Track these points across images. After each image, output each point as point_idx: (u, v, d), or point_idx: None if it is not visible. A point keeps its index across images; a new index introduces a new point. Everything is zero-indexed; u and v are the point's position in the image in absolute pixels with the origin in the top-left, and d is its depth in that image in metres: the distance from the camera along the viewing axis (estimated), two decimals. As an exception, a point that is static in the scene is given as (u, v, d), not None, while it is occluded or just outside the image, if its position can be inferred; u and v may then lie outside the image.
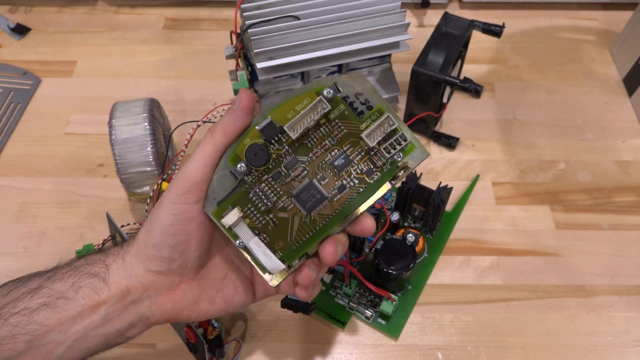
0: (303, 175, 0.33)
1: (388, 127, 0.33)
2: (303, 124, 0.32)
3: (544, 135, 0.61)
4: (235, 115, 0.33)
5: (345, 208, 0.33)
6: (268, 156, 0.33)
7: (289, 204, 0.33)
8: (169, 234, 0.33)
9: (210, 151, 0.33)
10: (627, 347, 0.47)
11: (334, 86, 0.33)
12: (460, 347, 0.47)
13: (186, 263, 0.35)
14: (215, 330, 0.42)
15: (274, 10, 0.54)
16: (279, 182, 0.33)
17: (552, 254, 0.52)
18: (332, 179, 0.33)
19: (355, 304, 0.48)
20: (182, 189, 0.33)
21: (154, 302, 0.35)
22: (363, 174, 0.34)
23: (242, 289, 0.37)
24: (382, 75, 0.61)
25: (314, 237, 0.34)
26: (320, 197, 0.33)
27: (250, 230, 0.33)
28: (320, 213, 0.33)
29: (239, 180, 0.33)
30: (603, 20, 0.72)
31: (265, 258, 0.33)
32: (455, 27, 0.56)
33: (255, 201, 0.33)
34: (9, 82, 0.65)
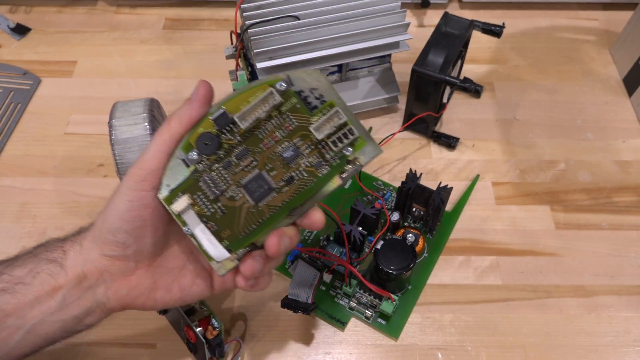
0: (253, 165, 0.34)
1: (337, 121, 0.33)
2: (254, 115, 0.33)
3: (544, 135, 0.61)
4: (192, 105, 0.33)
5: (293, 200, 0.34)
6: (219, 145, 0.33)
7: (237, 193, 0.34)
8: (124, 220, 0.34)
9: (166, 139, 0.33)
10: (627, 347, 0.47)
11: (287, 79, 0.33)
12: (460, 347, 0.47)
13: (141, 249, 0.35)
14: (215, 330, 0.42)
15: (274, 10, 0.54)
16: (229, 172, 0.34)
17: (552, 254, 0.52)
18: (281, 171, 0.34)
19: (355, 304, 0.48)
20: (139, 176, 0.33)
21: (109, 288, 0.36)
22: (312, 167, 0.34)
23: (200, 280, 0.38)
24: (382, 75, 0.61)
25: (261, 227, 0.34)
26: (267, 188, 0.34)
27: (197, 217, 0.34)
28: (268, 204, 0.34)
29: (190, 168, 0.34)
30: (603, 20, 0.72)
31: (211, 246, 0.34)
32: (455, 27, 0.56)
33: (204, 189, 0.34)
34: (9, 82, 0.65)
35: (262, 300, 0.49)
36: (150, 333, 0.47)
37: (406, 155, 0.59)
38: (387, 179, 0.57)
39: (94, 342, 0.46)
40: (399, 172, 0.57)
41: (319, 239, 0.52)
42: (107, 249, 0.35)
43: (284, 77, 0.33)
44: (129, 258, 0.35)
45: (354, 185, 0.56)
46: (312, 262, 0.47)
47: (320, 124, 0.33)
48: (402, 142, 0.60)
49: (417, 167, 0.58)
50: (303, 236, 0.52)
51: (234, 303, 0.49)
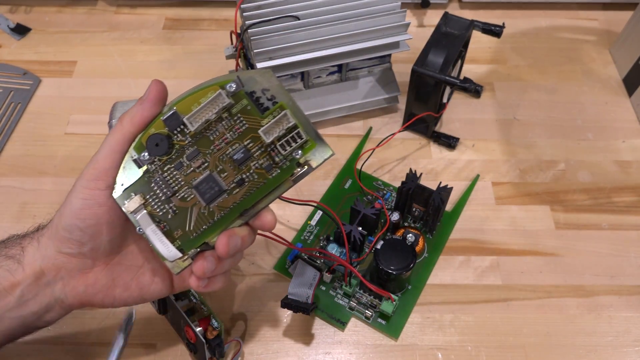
0: (204, 167, 0.34)
1: (286, 124, 0.33)
2: (203, 117, 0.33)
3: (544, 135, 0.61)
4: (143, 106, 0.33)
5: (244, 202, 0.34)
6: (169, 146, 0.34)
7: (189, 194, 0.34)
8: (79, 218, 0.34)
9: (119, 139, 0.34)
10: (627, 347, 0.47)
11: (238, 80, 0.33)
12: (460, 347, 0.47)
13: (98, 247, 0.35)
14: (215, 330, 0.42)
15: (274, 10, 0.54)
16: (181, 173, 0.34)
17: (552, 254, 0.52)
18: (232, 173, 0.34)
19: (355, 304, 0.48)
20: (92, 174, 0.34)
21: (67, 284, 0.36)
22: (262, 170, 0.34)
23: (159, 279, 0.38)
24: (382, 75, 0.61)
25: (213, 228, 0.34)
26: (218, 190, 0.34)
27: (149, 217, 0.34)
28: (219, 205, 0.34)
29: (142, 168, 0.34)
30: (603, 20, 0.72)
31: (162, 246, 0.34)
32: (455, 27, 0.56)
33: (156, 189, 0.34)
34: (9, 82, 0.65)
35: (262, 300, 0.49)
36: (150, 333, 0.47)
37: (406, 155, 0.59)
38: (387, 179, 0.57)
39: (93, 342, 0.46)
40: (399, 172, 0.57)
41: (319, 239, 0.52)
42: (64, 246, 0.35)
43: (234, 78, 0.33)
44: (85, 255, 0.36)
45: (354, 185, 0.56)
46: (312, 262, 0.47)
47: (269, 127, 0.33)
48: (402, 142, 0.60)
49: (417, 167, 0.58)
50: (303, 236, 0.52)
51: (234, 303, 0.49)
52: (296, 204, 0.53)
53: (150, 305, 0.48)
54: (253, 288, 0.50)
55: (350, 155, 0.59)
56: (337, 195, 0.55)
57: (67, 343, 0.46)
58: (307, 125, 0.33)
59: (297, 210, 0.54)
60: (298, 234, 0.53)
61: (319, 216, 0.53)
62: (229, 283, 0.37)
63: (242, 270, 0.51)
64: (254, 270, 0.51)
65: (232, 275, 0.50)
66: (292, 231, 0.53)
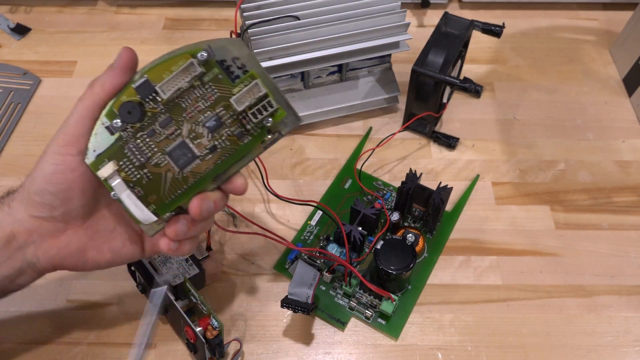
0: (177, 134, 0.34)
1: (257, 93, 0.34)
2: (175, 85, 0.33)
3: (544, 135, 0.61)
4: (114, 73, 0.34)
5: (217, 167, 0.35)
6: (142, 114, 0.34)
7: (162, 160, 0.35)
8: (50, 182, 0.34)
9: (89, 105, 0.34)
10: (627, 347, 0.47)
11: (209, 49, 0.33)
12: (460, 347, 0.47)
13: (70, 211, 0.36)
14: (215, 330, 0.42)
15: (274, 10, 0.54)
16: (153, 139, 0.34)
17: (552, 254, 0.52)
18: (205, 140, 0.35)
19: (355, 304, 0.48)
20: (63, 140, 0.34)
21: (39, 248, 0.36)
22: (234, 136, 0.35)
23: (130, 242, 0.38)
24: (382, 75, 0.61)
25: (186, 192, 0.35)
26: (191, 156, 0.35)
27: (124, 183, 0.35)
28: (192, 171, 0.35)
29: (115, 135, 0.34)
30: (603, 20, 0.72)
31: (137, 210, 0.35)
32: (455, 27, 0.56)
33: (130, 156, 0.34)
34: (9, 82, 0.65)
35: (262, 300, 0.49)
36: (150, 333, 0.47)
37: (406, 155, 0.59)
38: (387, 179, 0.57)
39: (94, 342, 0.46)
40: (399, 172, 0.57)
41: (319, 239, 0.52)
42: (35, 210, 0.35)
43: (205, 46, 0.33)
44: (57, 219, 0.36)
45: (354, 185, 0.56)
46: (312, 262, 0.47)
47: (240, 96, 0.34)
48: (402, 142, 0.60)
49: (417, 167, 0.58)
50: (303, 236, 0.52)
51: (234, 303, 0.49)
52: (296, 204, 0.53)
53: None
54: (253, 288, 0.50)
55: (350, 155, 0.59)
56: (337, 195, 0.55)
57: (65, 343, 0.46)
58: (277, 94, 0.34)
59: (297, 210, 0.54)
60: (298, 234, 0.53)
61: (319, 216, 0.53)
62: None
63: (242, 270, 0.51)
64: (254, 270, 0.51)
65: (232, 275, 0.50)
66: (292, 231, 0.53)
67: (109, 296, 0.49)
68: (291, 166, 0.58)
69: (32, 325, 0.47)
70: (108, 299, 0.49)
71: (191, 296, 0.44)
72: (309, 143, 0.60)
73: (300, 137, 0.60)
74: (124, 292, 0.49)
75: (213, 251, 0.50)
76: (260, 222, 0.53)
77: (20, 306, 0.48)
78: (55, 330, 0.47)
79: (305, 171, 0.58)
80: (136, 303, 0.48)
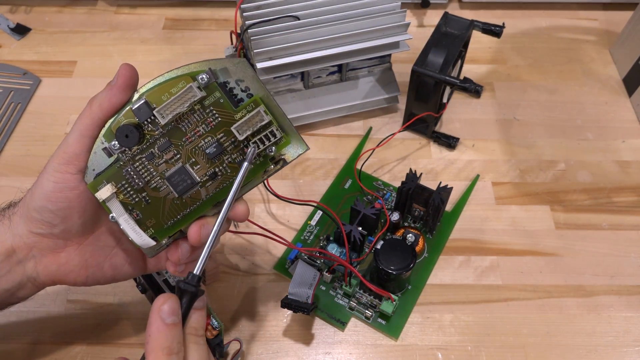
0: (176, 158, 0.34)
1: (260, 121, 0.33)
2: (174, 109, 0.33)
3: (544, 135, 0.61)
4: (112, 92, 0.33)
5: (217, 195, 0.34)
6: (140, 137, 0.33)
7: (161, 184, 0.34)
8: (49, 200, 0.34)
9: (88, 124, 0.33)
10: (627, 347, 0.47)
11: (210, 72, 0.32)
12: (460, 347, 0.47)
13: (69, 229, 0.35)
14: (215, 330, 0.42)
15: (274, 10, 0.54)
16: (152, 163, 0.34)
17: (552, 254, 0.52)
18: (205, 166, 0.34)
19: (355, 304, 0.48)
20: (63, 158, 0.34)
21: (39, 263, 0.36)
22: (235, 164, 0.34)
23: (132, 260, 0.38)
24: (382, 75, 0.61)
25: (185, 218, 0.34)
26: (190, 183, 0.34)
27: (122, 206, 0.34)
28: (191, 197, 0.34)
29: (113, 157, 0.34)
30: (603, 20, 0.72)
31: (135, 234, 0.34)
32: (455, 27, 0.56)
33: (128, 179, 0.34)
34: (9, 82, 0.65)
35: (262, 300, 0.49)
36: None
37: (406, 155, 0.59)
38: (387, 179, 0.57)
39: (94, 342, 0.46)
40: (399, 172, 0.57)
41: (319, 239, 0.52)
42: (34, 226, 0.35)
43: (206, 69, 0.32)
44: (56, 236, 0.36)
45: (354, 185, 0.56)
46: (312, 262, 0.47)
47: (242, 124, 0.33)
48: (402, 142, 0.60)
49: (417, 167, 0.58)
50: (303, 236, 0.52)
51: (234, 303, 0.49)
52: (296, 204, 0.53)
53: (150, 305, 0.48)
54: (253, 288, 0.50)
55: (350, 155, 0.59)
56: (337, 195, 0.55)
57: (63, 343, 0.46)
58: (282, 121, 0.33)
59: (297, 210, 0.54)
60: (298, 234, 0.53)
61: (319, 216, 0.53)
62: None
63: (242, 270, 0.51)
64: (254, 270, 0.51)
65: (232, 275, 0.50)
66: (292, 231, 0.53)
67: (109, 296, 0.49)
68: (291, 166, 0.58)
69: (32, 325, 0.47)
70: (108, 299, 0.49)
71: (191, 296, 0.44)
72: (309, 143, 0.60)
73: (300, 137, 0.60)
74: (124, 292, 0.49)
75: (213, 251, 0.50)
76: (260, 222, 0.53)
77: (21, 306, 0.48)
78: (55, 330, 0.47)
79: (305, 171, 0.58)
80: (136, 303, 0.48)
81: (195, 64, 0.32)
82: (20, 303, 0.42)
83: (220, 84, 0.33)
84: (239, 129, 0.33)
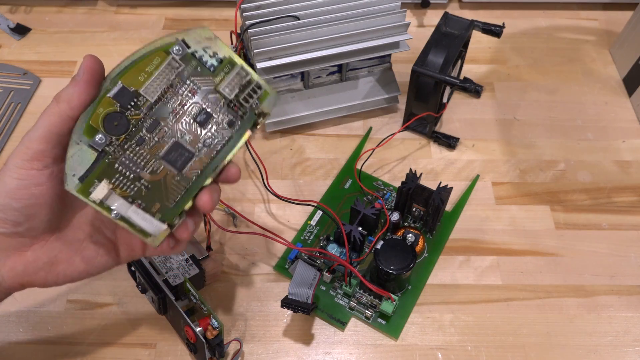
0: (167, 136, 0.33)
1: (243, 78, 0.33)
2: (156, 86, 0.32)
3: (544, 135, 0.61)
4: (79, 87, 0.32)
5: (215, 160, 0.34)
6: (128, 123, 0.32)
7: (158, 166, 0.33)
8: (13, 197, 0.33)
9: (56, 121, 0.32)
10: (627, 347, 0.47)
11: (182, 43, 0.32)
12: (460, 347, 0.47)
13: (35, 226, 0.34)
14: (215, 330, 0.42)
15: (274, 10, 0.54)
16: (144, 147, 0.33)
17: (552, 254, 0.52)
18: (197, 135, 0.33)
19: (355, 304, 0.48)
20: (27, 155, 0.32)
21: (3, 265, 0.35)
22: (225, 126, 0.34)
23: (104, 251, 0.37)
24: (382, 75, 0.61)
25: (189, 192, 0.34)
26: (188, 155, 0.33)
27: (124, 199, 0.33)
28: (191, 169, 0.34)
29: (100, 152, 0.32)
30: (603, 20, 0.72)
31: (146, 223, 0.33)
32: (455, 27, 0.56)
33: (122, 170, 0.33)
34: (9, 82, 0.65)
35: (262, 300, 0.49)
36: (150, 333, 0.47)
37: (406, 155, 0.59)
38: (387, 179, 0.57)
39: (94, 342, 0.46)
40: (399, 172, 0.57)
41: (319, 239, 0.52)
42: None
43: (175, 40, 0.32)
44: (21, 235, 0.34)
45: (354, 185, 0.56)
46: (312, 262, 0.47)
47: (227, 84, 0.33)
48: (402, 142, 0.60)
49: (417, 167, 0.58)
50: (303, 236, 0.52)
51: (234, 303, 0.49)
52: (296, 204, 0.53)
53: (150, 305, 0.48)
54: (253, 288, 0.50)
55: (350, 155, 0.59)
56: (337, 195, 0.55)
57: (65, 343, 0.46)
58: (256, 74, 0.34)
59: (297, 210, 0.54)
60: (298, 234, 0.53)
61: (319, 216, 0.53)
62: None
63: (242, 270, 0.51)
64: (254, 270, 0.51)
65: (232, 275, 0.50)
66: (292, 231, 0.53)
67: (109, 296, 0.49)
68: (291, 166, 0.58)
69: (32, 325, 0.47)
70: (108, 299, 0.49)
71: (191, 296, 0.44)
72: (309, 143, 0.60)
73: (300, 137, 0.60)
74: (124, 292, 0.49)
75: (213, 251, 0.50)
76: (260, 222, 0.53)
77: (21, 306, 0.48)
78: (55, 330, 0.47)
79: (305, 171, 0.58)
80: (136, 303, 0.48)
81: (160, 40, 0.32)
82: (20, 303, 0.42)
83: (192, 54, 0.33)
84: (226, 89, 0.33)
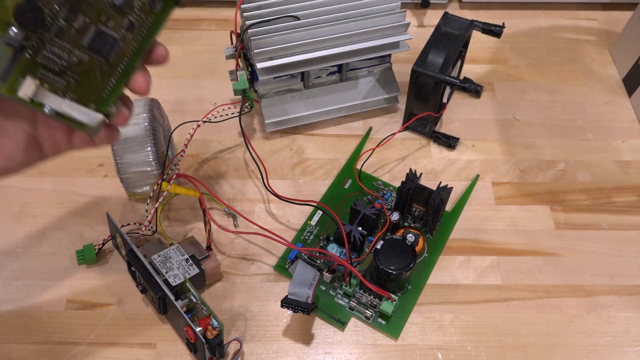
0: (87, 23, 0.31)
1: None
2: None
3: (544, 135, 0.61)
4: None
5: (141, 43, 0.33)
6: (42, 14, 0.30)
7: (83, 56, 0.32)
8: None
9: None
10: (626, 347, 0.47)
11: None
12: (460, 347, 0.47)
13: None
14: (215, 330, 0.42)
15: (274, 10, 0.54)
16: (64, 38, 0.31)
17: (552, 254, 0.52)
18: (118, 20, 0.32)
19: (355, 304, 0.48)
20: None
21: None
22: (146, 6, 0.33)
23: (24, 145, 0.35)
24: (382, 75, 0.61)
25: (120, 79, 0.33)
26: (113, 41, 0.32)
27: (54, 95, 0.32)
28: (117, 55, 0.33)
29: (17, 47, 0.30)
30: (603, 20, 0.72)
31: (82, 115, 0.33)
32: (455, 27, 0.56)
33: (46, 64, 0.31)
34: None
35: (262, 300, 0.49)
36: (150, 333, 0.47)
37: (406, 155, 0.59)
38: (387, 179, 0.57)
39: (94, 342, 0.46)
40: (399, 172, 0.57)
41: (319, 239, 0.52)
42: None
43: None
44: None
45: (354, 185, 0.56)
46: (312, 262, 0.47)
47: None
48: (402, 142, 0.60)
49: (417, 167, 0.58)
50: (303, 236, 0.52)
51: (234, 303, 0.49)
52: (296, 204, 0.53)
53: (150, 305, 0.48)
54: (253, 288, 0.50)
55: (350, 155, 0.59)
56: (337, 195, 0.55)
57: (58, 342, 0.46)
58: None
59: (297, 210, 0.54)
60: (298, 234, 0.53)
61: (319, 216, 0.53)
62: None
63: (242, 270, 0.51)
64: (254, 270, 0.51)
65: (232, 275, 0.50)
66: (292, 231, 0.53)
67: (109, 296, 0.49)
68: (291, 166, 0.58)
69: (32, 325, 0.47)
70: (108, 299, 0.49)
71: (191, 296, 0.44)
72: (309, 143, 0.60)
73: (300, 137, 0.60)
74: (124, 292, 0.49)
75: (213, 251, 0.50)
76: (260, 222, 0.53)
77: (21, 306, 0.48)
78: (55, 330, 0.47)
79: (305, 171, 0.58)
80: (136, 303, 0.48)
81: None
82: (20, 303, 0.42)
83: None
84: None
